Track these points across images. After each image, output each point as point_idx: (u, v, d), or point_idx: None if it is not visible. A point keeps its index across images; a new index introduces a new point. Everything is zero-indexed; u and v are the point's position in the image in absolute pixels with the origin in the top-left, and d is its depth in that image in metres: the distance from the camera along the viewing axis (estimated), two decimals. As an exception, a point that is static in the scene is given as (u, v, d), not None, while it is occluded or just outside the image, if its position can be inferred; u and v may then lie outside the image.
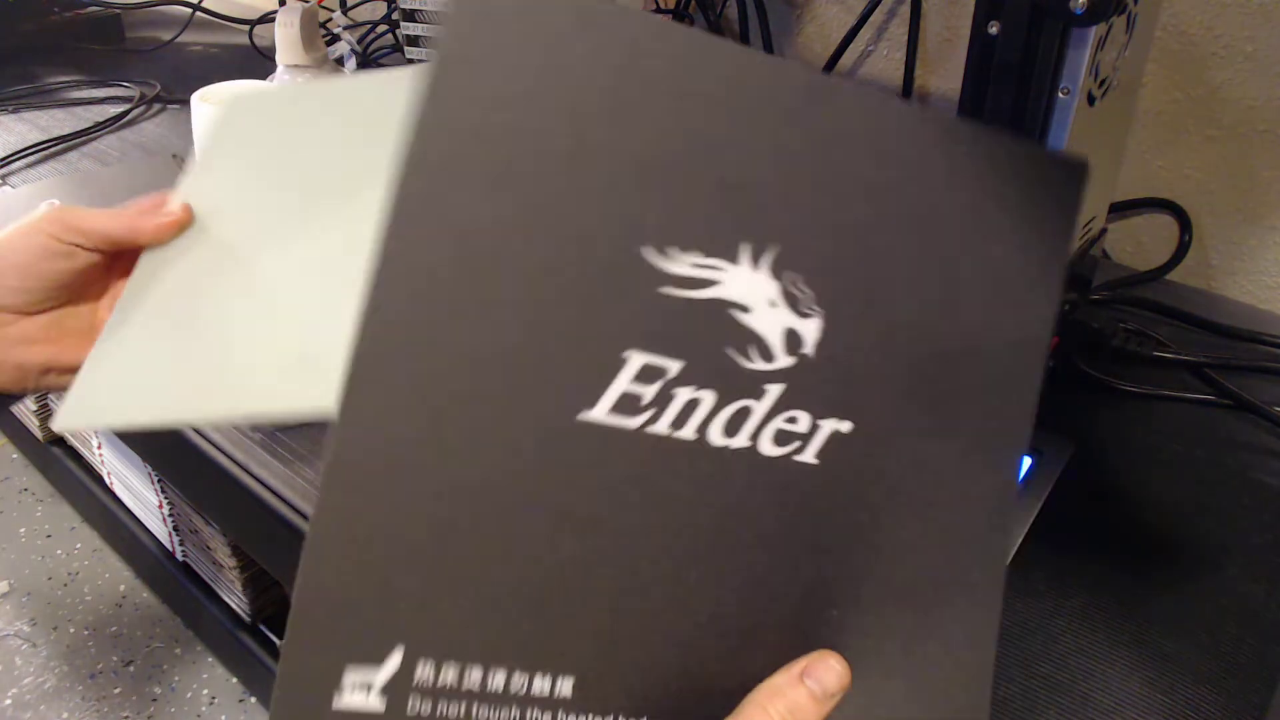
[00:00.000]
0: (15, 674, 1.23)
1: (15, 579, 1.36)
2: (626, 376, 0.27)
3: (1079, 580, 0.50)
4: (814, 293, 0.28)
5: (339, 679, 0.25)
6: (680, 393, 0.27)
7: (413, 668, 0.26)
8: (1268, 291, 0.77)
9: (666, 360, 0.27)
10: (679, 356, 0.27)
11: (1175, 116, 0.76)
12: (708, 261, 0.27)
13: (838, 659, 0.29)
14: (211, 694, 1.20)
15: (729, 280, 0.28)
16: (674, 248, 0.27)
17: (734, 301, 0.28)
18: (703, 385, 0.28)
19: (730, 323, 0.28)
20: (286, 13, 0.89)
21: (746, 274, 0.28)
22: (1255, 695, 0.45)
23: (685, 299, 0.27)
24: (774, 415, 0.28)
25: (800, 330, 0.29)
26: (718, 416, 0.28)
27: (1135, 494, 0.57)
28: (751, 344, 0.28)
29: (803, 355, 0.29)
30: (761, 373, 0.28)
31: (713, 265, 0.28)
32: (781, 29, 0.98)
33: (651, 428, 0.27)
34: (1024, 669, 0.46)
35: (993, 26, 0.48)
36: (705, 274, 0.28)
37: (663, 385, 0.27)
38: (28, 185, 0.94)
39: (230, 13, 1.42)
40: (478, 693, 0.26)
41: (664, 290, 0.27)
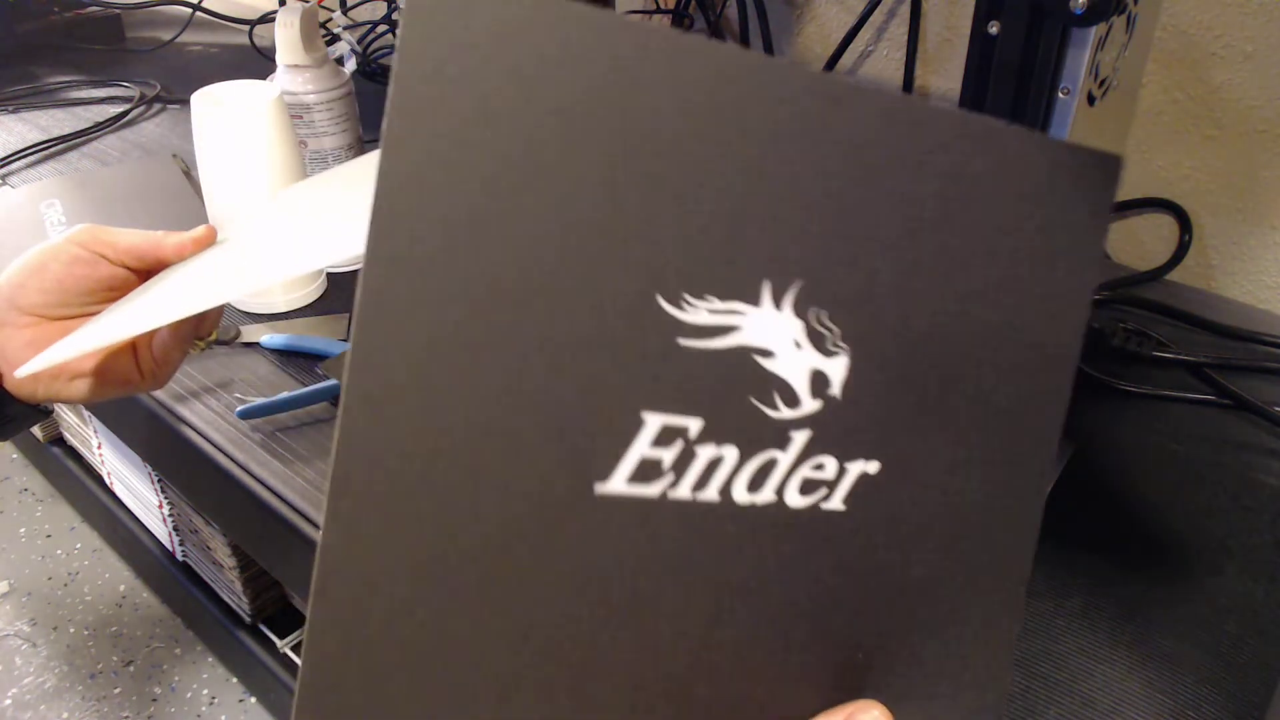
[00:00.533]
0: (15, 674, 1.23)
1: (15, 579, 1.36)
2: (645, 440, 0.25)
3: (1079, 580, 0.50)
4: (840, 328, 0.26)
5: None
6: (702, 452, 0.25)
7: None
8: (1268, 291, 0.77)
9: (686, 419, 0.25)
10: (699, 414, 0.25)
11: (1175, 116, 0.76)
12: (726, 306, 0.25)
13: (881, 710, 0.28)
14: (211, 694, 1.20)
15: (750, 324, 0.25)
16: (689, 294, 0.24)
17: (757, 348, 0.26)
18: (725, 441, 0.26)
19: (753, 371, 0.26)
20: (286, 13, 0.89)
21: (769, 315, 0.26)
22: (1255, 695, 0.45)
23: (704, 350, 0.25)
24: (800, 464, 0.27)
25: (827, 371, 0.27)
26: (742, 472, 0.26)
27: (1135, 494, 0.57)
28: (776, 391, 0.26)
29: (829, 397, 0.27)
30: (787, 421, 0.26)
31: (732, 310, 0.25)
32: (781, 29, 0.98)
33: (673, 493, 0.25)
34: (1024, 669, 0.46)
35: (993, 26, 0.48)
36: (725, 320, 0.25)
37: (683, 446, 0.25)
38: (28, 185, 0.94)
39: (230, 13, 1.42)
40: None
41: (681, 342, 0.25)
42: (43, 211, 0.88)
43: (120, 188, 0.93)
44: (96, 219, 0.86)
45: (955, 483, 0.29)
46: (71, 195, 0.91)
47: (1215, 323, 0.71)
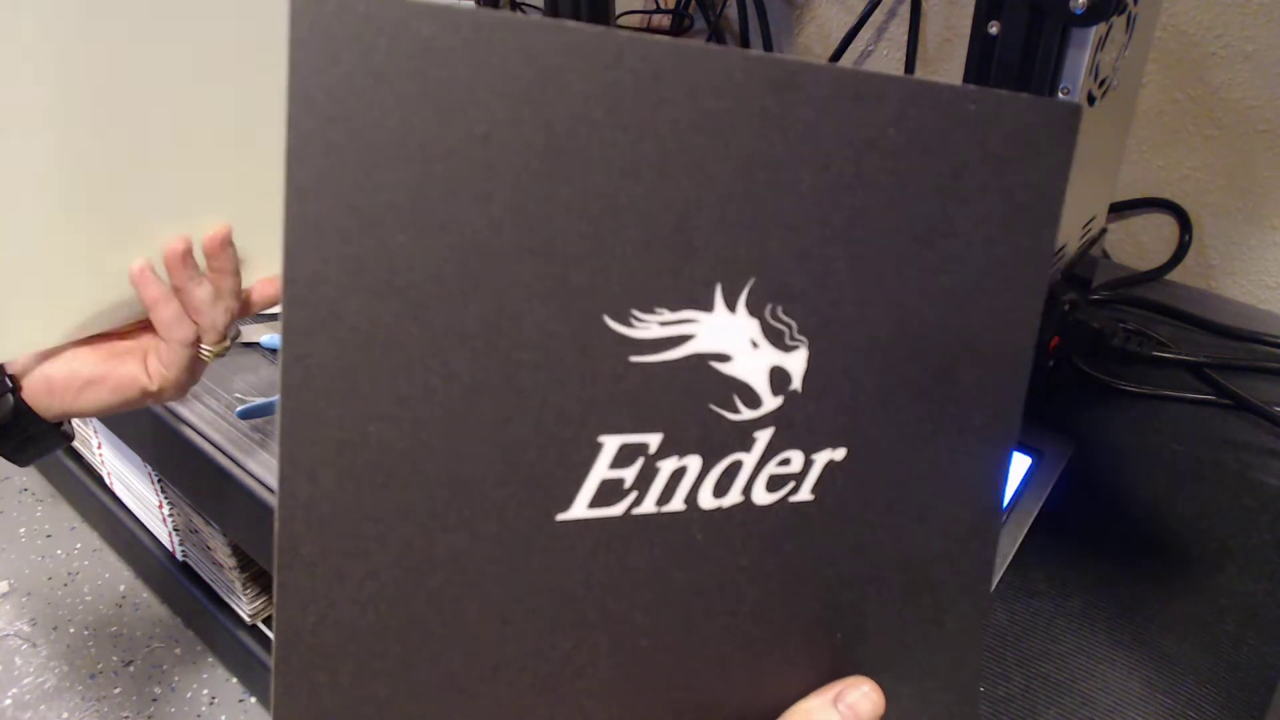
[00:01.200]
0: (15, 674, 1.23)
1: (15, 579, 1.36)
2: (604, 464, 0.24)
3: (1079, 580, 0.50)
4: (796, 321, 0.25)
5: None
6: (664, 465, 0.25)
7: None
8: (1268, 291, 0.77)
9: (645, 437, 0.24)
10: (659, 429, 0.24)
11: (1175, 116, 0.76)
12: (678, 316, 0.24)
13: (871, 685, 0.28)
14: (211, 694, 1.20)
15: (704, 331, 0.24)
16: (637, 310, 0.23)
17: (713, 353, 0.25)
18: (687, 452, 0.25)
19: (711, 377, 0.25)
20: (286, 13, 0.89)
21: (724, 319, 0.25)
22: (1255, 695, 0.45)
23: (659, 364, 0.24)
24: (765, 462, 0.26)
25: (787, 366, 0.26)
26: (707, 479, 0.26)
27: (1135, 494, 0.57)
28: (736, 394, 0.25)
29: (790, 392, 0.26)
30: (749, 422, 0.26)
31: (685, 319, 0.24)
32: (781, 29, 0.98)
33: (637, 509, 0.25)
34: (1024, 669, 0.46)
35: (993, 26, 0.48)
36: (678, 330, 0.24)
37: (644, 463, 0.24)
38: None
39: (230, 13, 1.42)
40: None
41: (634, 360, 0.24)
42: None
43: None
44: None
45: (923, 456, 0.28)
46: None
47: (1215, 323, 0.71)
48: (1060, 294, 0.58)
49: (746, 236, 0.24)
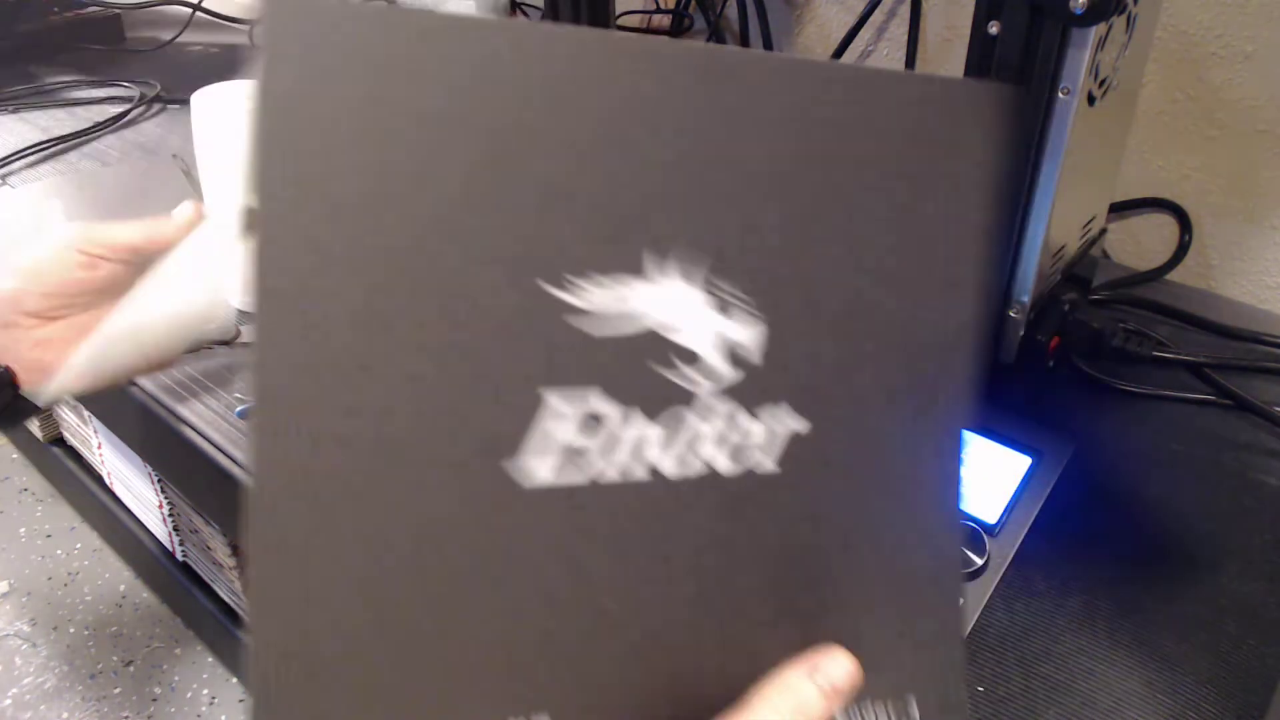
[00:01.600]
0: (15, 674, 1.23)
1: (15, 579, 1.36)
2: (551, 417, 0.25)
3: (1079, 580, 0.50)
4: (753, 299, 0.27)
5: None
6: (625, 435, 0.26)
7: None
8: (1268, 291, 0.77)
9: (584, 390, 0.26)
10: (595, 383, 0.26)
11: (1175, 116, 0.76)
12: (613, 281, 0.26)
13: (846, 655, 0.29)
14: (211, 694, 1.20)
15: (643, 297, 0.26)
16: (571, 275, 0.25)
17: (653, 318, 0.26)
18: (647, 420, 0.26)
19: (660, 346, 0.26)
20: (286, 13, 0.89)
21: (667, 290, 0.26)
22: (1255, 695, 0.45)
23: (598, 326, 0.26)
24: (728, 433, 0.27)
25: (742, 340, 0.27)
26: (669, 449, 0.27)
27: (1135, 494, 0.57)
28: (690, 365, 0.27)
29: (750, 366, 0.27)
30: (707, 393, 0.27)
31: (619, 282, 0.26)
32: (781, 29, 0.98)
33: (602, 479, 0.26)
34: (1024, 669, 0.46)
35: (993, 26, 0.48)
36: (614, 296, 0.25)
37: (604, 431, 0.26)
38: (28, 185, 0.94)
39: (230, 13, 1.42)
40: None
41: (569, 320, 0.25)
42: (43, 211, 0.88)
43: (120, 188, 0.93)
44: (97, 219, 0.86)
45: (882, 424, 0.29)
46: (71, 195, 0.91)
47: (1215, 323, 0.71)
48: (1060, 294, 0.58)
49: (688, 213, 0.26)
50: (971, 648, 0.46)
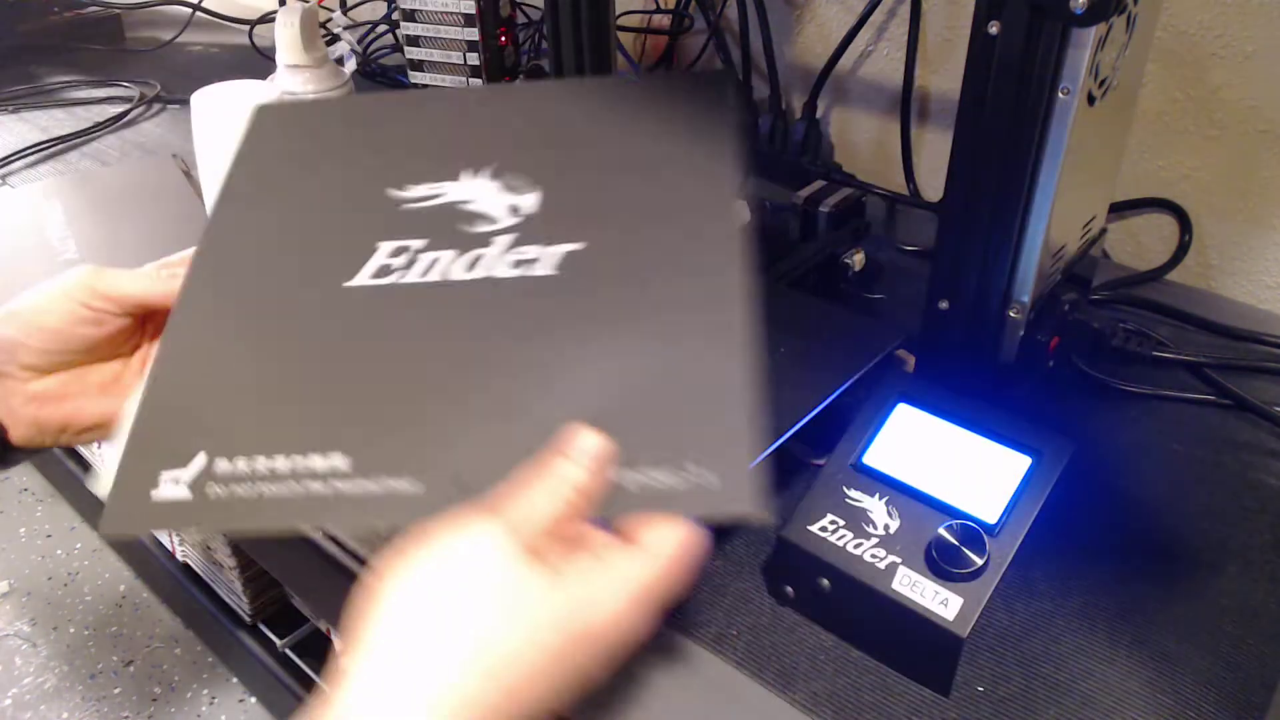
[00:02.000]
0: (15, 674, 1.23)
1: (15, 579, 1.36)
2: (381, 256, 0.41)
3: (1079, 580, 0.50)
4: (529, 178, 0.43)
5: (156, 479, 0.35)
6: (423, 257, 0.41)
7: (212, 465, 0.35)
8: (1268, 291, 0.77)
9: (409, 241, 0.41)
10: (419, 237, 0.41)
11: (1175, 116, 0.76)
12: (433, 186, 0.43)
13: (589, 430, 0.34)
14: (211, 694, 1.20)
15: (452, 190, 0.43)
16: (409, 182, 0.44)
17: (460, 200, 0.43)
18: (441, 249, 0.41)
19: (458, 212, 0.42)
20: (286, 13, 0.89)
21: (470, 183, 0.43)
22: (1255, 695, 0.45)
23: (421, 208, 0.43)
24: (506, 253, 0.40)
25: (519, 203, 0.42)
26: (457, 263, 0.40)
27: (1135, 494, 0.57)
28: (478, 219, 0.42)
29: (526, 215, 0.41)
30: (489, 232, 0.41)
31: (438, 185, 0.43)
32: (781, 29, 0.98)
33: (403, 279, 0.40)
34: (1024, 669, 0.46)
35: (993, 26, 0.48)
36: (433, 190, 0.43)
37: (410, 255, 0.41)
38: (28, 185, 0.94)
39: (230, 13, 1.42)
40: (265, 475, 0.35)
41: (404, 206, 0.43)
42: (43, 211, 0.88)
43: (120, 188, 0.93)
44: (96, 219, 0.86)
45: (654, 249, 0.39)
46: (71, 195, 0.91)
47: (1215, 323, 0.71)
48: (1060, 294, 0.58)
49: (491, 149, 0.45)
50: (971, 648, 0.46)
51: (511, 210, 0.41)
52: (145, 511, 0.35)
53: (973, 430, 0.48)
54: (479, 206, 0.42)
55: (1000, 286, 0.54)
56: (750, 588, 0.51)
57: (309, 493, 0.34)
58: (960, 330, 0.57)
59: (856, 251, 0.74)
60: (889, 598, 0.44)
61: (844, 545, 0.46)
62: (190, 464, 0.35)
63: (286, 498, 0.34)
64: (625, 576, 0.33)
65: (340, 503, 0.34)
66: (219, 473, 0.35)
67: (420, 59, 0.96)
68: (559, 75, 0.74)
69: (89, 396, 0.46)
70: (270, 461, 0.35)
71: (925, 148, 0.92)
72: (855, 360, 0.56)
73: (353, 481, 0.34)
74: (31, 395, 0.45)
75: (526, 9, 1.11)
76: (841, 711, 0.44)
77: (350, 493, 0.34)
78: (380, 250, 0.41)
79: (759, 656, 0.47)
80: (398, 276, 0.40)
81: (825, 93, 0.94)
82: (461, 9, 0.91)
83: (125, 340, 0.47)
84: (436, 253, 0.40)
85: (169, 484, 0.35)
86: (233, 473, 0.35)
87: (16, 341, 0.44)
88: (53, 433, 0.46)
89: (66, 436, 0.46)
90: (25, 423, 0.45)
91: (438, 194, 0.43)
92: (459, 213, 0.42)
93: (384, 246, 0.41)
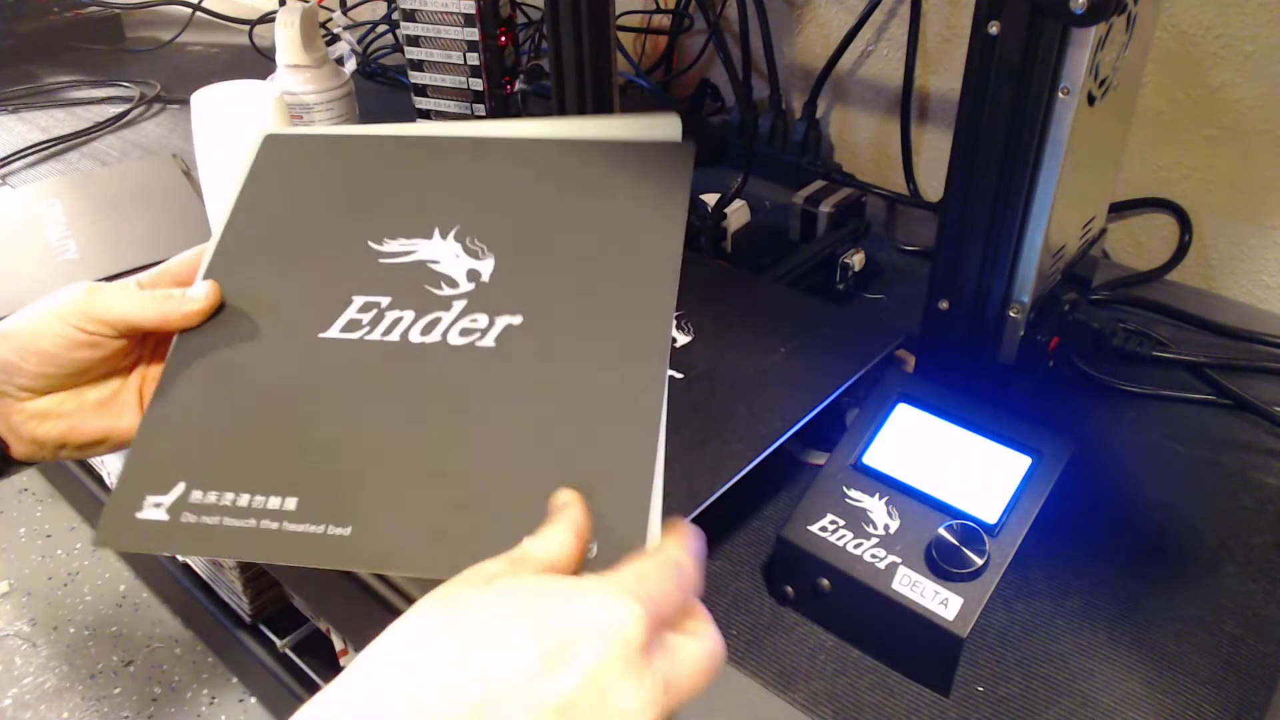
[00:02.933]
0: (15, 674, 1.23)
1: (15, 579, 1.36)
2: (352, 310, 0.44)
3: (1079, 580, 0.50)
4: (487, 244, 0.46)
5: (141, 502, 0.39)
6: (389, 315, 0.44)
7: (188, 494, 0.40)
8: (1268, 291, 0.77)
9: (379, 297, 0.45)
10: (388, 294, 0.45)
11: (1175, 116, 0.76)
12: (410, 240, 0.46)
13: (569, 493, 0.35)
14: (211, 694, 1.20)
15: (424, 249, 0.46)
16: (387, 237, 0.47)
17: (429, 259, 0.45)
18: (404, 308, 0.44)
19: (426, 271, 0.45)
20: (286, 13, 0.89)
21: (439, 243, 0.46)
22: (1255, 695, 0.45)
23: (395, 263, 0.46)
24: (459, 319, 0.43)
25: (478, 268, 0.45)
26: (415, 326, 0.43)
27: (1135, 494, 0.57)
28: (442, 280, 0.45)
29: (481, 282, 0.44)
30: (449, 296, 0.44)
31: (412, 242, 0.46)
32: (781, 29, 0.98)
33: (368, 335, 0.43)
34: (1024, 669, 0.46)
35: (993, 26, 0.48)
36: (407, 246, 0.46)
37: (377, 312, 0.44)
38: (28, 185, 0.94)
39: (230, 13, 1.42)
40: (229, 509, 0.39)
41: (380, 260, 0.46)
42: (43, 211, 0.88)
43: (120, 188, 0.93)
44: (96, 219, 0.86)
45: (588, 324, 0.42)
46: (71, 195, 0.91)
47: (1215, 323, 0.71)
48: (1060, 294, 0.58)
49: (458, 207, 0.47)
50: (971, 648, 0.46)
51: (470, 275, 0.44)
52: (129, 529, 0.39)
53: (973, 430, 0.48)
54: (443, 268, 0.45)
55: (1000, 286, 0.54)
56: (750, 588, 0.51)
57: (259, 529, 0.39)
58: (960, 330, 0.57)
59: (856, 251, 0.74)
60: (889, 598, 0.44)
61: (844, 545, 0.46)
62: (171, 491, 0.40)
63: (241, 530, 0.39)
64: None
65: (284, 540, 0.38)
66: (193, 502, 0.39)
67: (420, 59, 0.96)
68: (559, 75, 0.74)
69: (86, 414, 0.46)
70: (236, 497, 0.39)
71: (925, 148, 0.92)
72: (855, 360, 0.56)
73: (298, 523, 0.38)
74: (31, 413, 0.44)
75: (526, 9, 1.11)
76: (841, 711, 0.44)
77: (294, 532, 0.38)
78: (353, 304, 0.44)
79: (759, 656, 0.47)
80: (364, 333, 0.43)
81: (825, 93, 0.94)
82: (461, 9, 0.91)
83: (123, 359, 0.47)
84: (400, 312, 0.44)
85: (151, 507, 0.39)
86: (203, 503, 0.39)
87: (12, 364, 0.43)
88: (51, 448, 0.46)
89: (66, 452, 0.46)
90: (25, 439, 0.45)
91: (410, 250, 0.46)
92: (427, 272, 0.45)
93: (357, 300, 0.44)
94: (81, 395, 0.46)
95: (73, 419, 0.45)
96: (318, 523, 0.38)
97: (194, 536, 0.39)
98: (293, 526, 0.38)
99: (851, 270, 0.74)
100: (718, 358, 0.57)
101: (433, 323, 0.43)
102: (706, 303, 0.62)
